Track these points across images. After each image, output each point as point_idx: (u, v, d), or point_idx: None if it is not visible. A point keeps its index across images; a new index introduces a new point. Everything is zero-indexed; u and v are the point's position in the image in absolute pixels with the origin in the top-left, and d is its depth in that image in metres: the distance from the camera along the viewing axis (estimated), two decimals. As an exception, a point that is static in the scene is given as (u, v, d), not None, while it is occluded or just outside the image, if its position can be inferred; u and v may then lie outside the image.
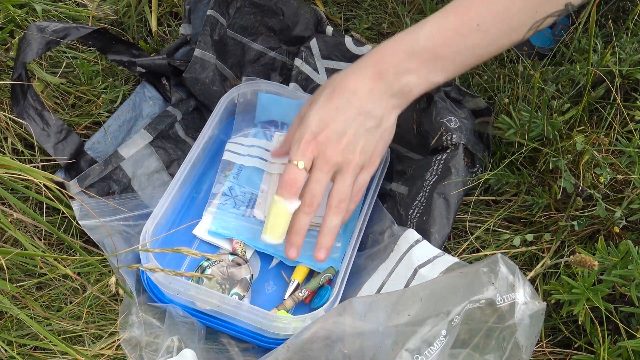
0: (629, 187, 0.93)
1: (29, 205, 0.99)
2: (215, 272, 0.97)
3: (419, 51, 0.87)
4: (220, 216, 1.02)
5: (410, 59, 0.87)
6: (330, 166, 0.89)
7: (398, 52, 0.88)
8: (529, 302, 0.76)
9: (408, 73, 0.88)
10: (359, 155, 0.90)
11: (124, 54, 1.08)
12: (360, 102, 0.88)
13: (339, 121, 0.88)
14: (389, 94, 0.89)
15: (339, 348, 0.75)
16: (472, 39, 0.87)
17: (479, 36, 0.87)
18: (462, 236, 1.02)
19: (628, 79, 1.04)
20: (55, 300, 0.93)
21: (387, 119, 0.90)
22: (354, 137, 0.89)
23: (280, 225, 0.90)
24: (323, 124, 0.88)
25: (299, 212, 0.90)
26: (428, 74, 0.88)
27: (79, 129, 1.09)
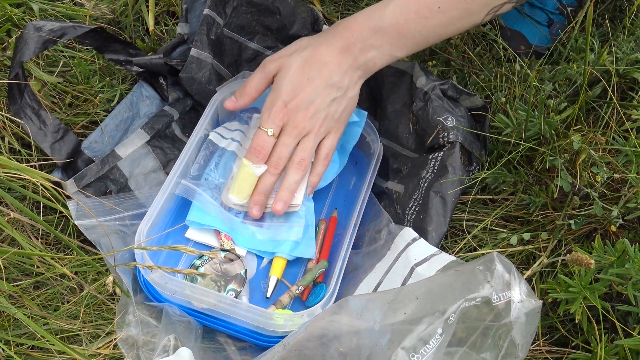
0: (626, 186, 0.93)
1: (26, 205, 0.98)
2: (209, 270, 0.97)
3: (384, 29, 0.95)
4: (199, 207, 1.02)
5: (376, 35, 0.95)
6: (298, 131, 0.97)
7: (364, 28, 0.96)
8: (524, 300, 0.76)
9: (373, 48, 0.96)
10: (324, 121, 0.97)
11: (121, 53, 1.08)
12: (329, 74, 0.96)
13: (309, 91, 0.96)
14: (354, 66, 0.97)
15: (335, 347, 0.75)
16: (433, 19, 0.94)
17: (439, 17, 0.94)
18: (459, 235, 1.02)
19: (625, 78, 1.04)
20: (52, 300, 0.93)
21: (352, 89, 0.98)
22: (322, 105, 0.96)
23: (246, 187, 0.98)
24: (294, 93, 0.96)
25: (265, 173, 0.98)
26: (391, 50, 0.96)
27: (76, 128, 1.09)
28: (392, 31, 0.95)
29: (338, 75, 0.97)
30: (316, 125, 0.97)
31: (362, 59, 0.97)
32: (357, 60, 0.97)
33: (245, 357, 0.91)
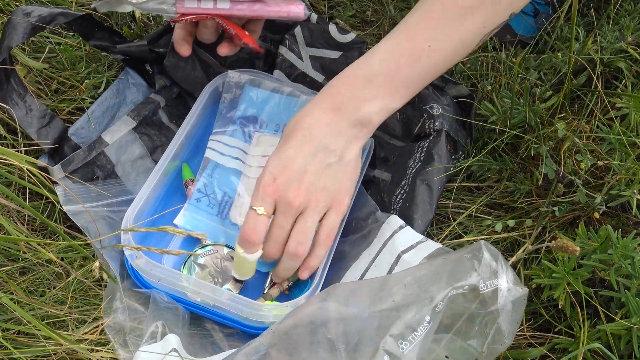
0: (609, 174, 0.94)
1: (12, 190, 0.98)
2: (209, 263, 0.97)
3: (375, 79, 0.86)
4: (192, 213, 1.02)
5: (366, 86, 0.86)
6: (294, 209, 0.86)
7: (353, 82, 0.86)
8: (511, 288, 0.77)
9: (366, 102, 0.86)
10: (322, 193, 0.87)
11: (107, 40, 1.08)
12: (318, 138, 0.85)
13: (298, 160, 0.85)
14: (348, 125, 0.86)
15: (322, 332, 0.75)
16: (427, 60, 0.86)
17: (433, 57, 0.86)
18: (444, 222, 1.02)
19: (609, 67, 1.05)
20: (38, 285, 0.93)
21: (349, 152, 0.87)
22: (315, 175, 0.86)
23: (247, 270, 0.91)
24: (282, 166, 0.85)
25: (264, 258, 0.89)
26: (386, 101, 0.86)
27: (62, 114, 1.08)
28: (383, 80, 0.86)
29: (329, 137, 0.86)
30: (312, 199, 0.86)
31: (356, 116, 0.86)
32: (350, 118, 0.86)
33: (233, 344, 0.91)
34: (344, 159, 0.87)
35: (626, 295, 0.81)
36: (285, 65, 1.11)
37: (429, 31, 0.86)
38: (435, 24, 0.86)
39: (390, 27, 1.23)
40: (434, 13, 0.86)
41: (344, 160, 0.87)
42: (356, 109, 0.86)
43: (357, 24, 1.25)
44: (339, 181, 0.88)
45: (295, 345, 0.75)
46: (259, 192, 0.86)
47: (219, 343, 0.92)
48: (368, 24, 1.25)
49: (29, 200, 0.99)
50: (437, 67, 0.88)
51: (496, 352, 0.77)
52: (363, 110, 0.86)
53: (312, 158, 0.85)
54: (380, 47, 0.87)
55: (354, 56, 1.12)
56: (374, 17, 1.25)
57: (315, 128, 0.86)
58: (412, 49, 0.86)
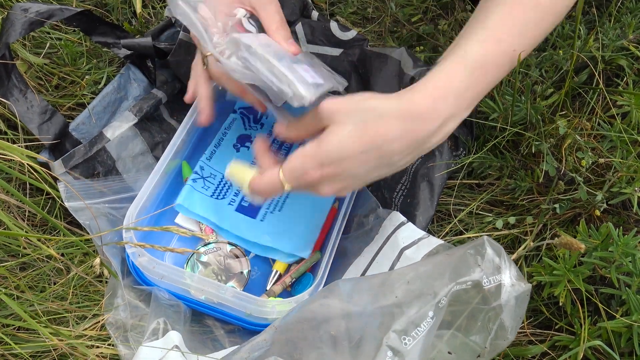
0: (610, 171, 0.94)
1: (12, 186, 0.98)
2: (212, 261, 0.97)
3: (465, 94, 0.77)
4: (189, 192, 1.02)
5: (456, 103, 0.77)
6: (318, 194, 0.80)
7: (447, 98, 0.76)
8: (515, 283, 0.77)
9: (451, 120, 0.77)
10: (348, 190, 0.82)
11: (108, 35, 1.08)
12: (390, 153, 0.76)
13: (356, 164, 0.77)
14: (423, 148, 0.79)
15: (325, 329, 0.75)
16: (507, 66, 0.80)
17: (513, 62, 0.80)
18: (445, 219, 1.02)
19: (610, 64, 1.05)
20: (38, 281, 0.93)
21: (403, 167, 0.81)
22: (361, 180, 0.80)
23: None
24: (338, 159, 0.76)
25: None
26: (464, 115, 0.79)
27: (62, 110, 1.08)
28: (472, 94, 0.78)
29: (399, 155, 0.77)
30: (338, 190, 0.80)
31: (436, 139, 0.78)
32: (426, 143, 0.78)
33: (234, 340, 0.91)
34: (394, 171, 0.81)
35: (627, 293, 0.81)
36: (286, 62, 1.11)
37: (513, 35, 0.79)
38: (518, 27, 0.80)
39: (391, 24, 1.23)
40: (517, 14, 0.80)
41: (393, 171, 0.81)
42: (440, 131, 0.78)
43: (358, 20, 1.25)
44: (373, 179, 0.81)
45: (298, 341, 0.75)
46: (299, 175, 0.78)
47: (220, 340, 0.92)
48: (369, 21, 1.25)
49: (30, 196, 0.98)
50: (509, 70, 0.82)
51: (499, 347, 0.77)
52: (444, 132, 0.78)
53: (372, 168, 0.78)
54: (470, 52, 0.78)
55: (355, 53, 1.12)
56: (375, 14, 1.25)
57: (395, 143, 0.76)
58: (501, 54, 0.79)
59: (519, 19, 0.79)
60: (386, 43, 1.21)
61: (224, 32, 0.85)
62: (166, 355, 0.81)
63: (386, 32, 1.22)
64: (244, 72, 0.82)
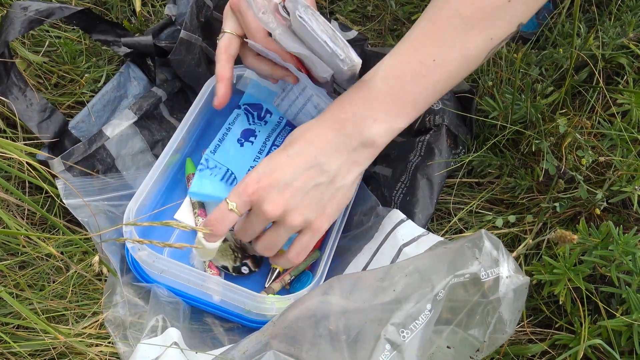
0: (610, 170, 0.94)
1: (12, 184, 0.98)
2: (229, 238, 0.97)
3: (379, 98, 0.81)
4: (198, 179, 1.02)
5: (370, 106, 0.81)
6: (266, 218, 0.82)
7: (357, 100, 0.81)
8: (512, 276, 0.77)
9: (369, 122, 0.81)
10: (300, 212, 0.82)
11: (108, 33, 1.08)
12: (314, 154, 0.81)
13: (287, 170, 0.81)
14: (349, 148, 0.81)
15: (324, 325, 0.75)
16: (431, 76, 0.81)
17: (438, 71, 0.81)
18: (445, 217, 1.02)
19: (610, 63, 1.05)
20: (38, 279, 0.93)
21: (343, 176, 0.83)
22: (299, 191, 0.81)
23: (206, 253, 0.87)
24: (270, 170, 0.81)
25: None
26: (390, 122, 0.81)
27: (62, 108, 1.08)
28: (388, 99, 0.81)
29: (325, 156, 0.81)
30: (288, 216, 0.82)
31: (358, 138, 0.81)
32: (352, 140, 0.81)
33: (233, 338, 0.91)
34: (335, 182, 0.83)
35: (627, 292, 0.81)
36: (287, 61, 1.11)
37: (433, 46, 0.81)
38: (438, 38, 0.81)
39: (391, 23, 1.23)
40: (437, 26, 0.81)
41: (335, 184, 0.83)
42: (360, 130, 0.81)
43: (358, 19, 1.25)
44: (323, 205, 0.83)
45: (297, 337, 0.75)
46: (239, 188, 0.82)
47: (219, 337, 0.92)
48: (369, 19, 1.25)
49: (29, 194, 0.98)
50: (444, 82, 0.83)
51: (498, 341, 0.77)
52: (365, 133, 0.81)
53: (302, 173, 0.81)
54: (385, 63, 0.82)
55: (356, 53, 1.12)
56: (375, 13, 1.25)
57: (315, 143, 0.81)
58: (416, 64, 0.81)
59: (439, 29, 0.81)
60: (386, 41, 1.21)
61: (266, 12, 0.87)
62: (165, 352, 0.81)
63: (386, 31, 1.22)
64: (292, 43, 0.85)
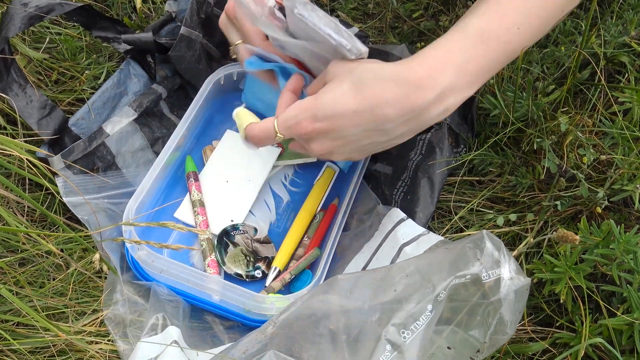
0: (612, 168, 0.94)
1: (11, 181, 0.98)
2: (241, 242, 0.97)
3: (467, 68, 0.76)
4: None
5: (457, 77, 0.75)
6: (310, 152, 0.81)
7: (447, 68, 0.75)
8: (514, 277, 0.77)
9: (451, 94, 0.76)
10: (345, 155, 0.81)
11: (109, 30, 1.07)
12: (384, 117, 0.75)
13: (349, 124, 0.76)
14: (420, 119, 0.77)
15: (324, 324, 0.75)
16: (513, 44, 0.78)
17: (518, 40, 0.78)
18: (446, 216, 1.02)
19: (612, 61, 1.04)
20: (38, 277, 0.93)
21: (400, 139, 0.79)
22: (354, 144, 0.79)
23: None
24: (331, 113, 0.76)
25: None
26: (466, 90, 0.77)
27: (62, 105, 1.08)
28: (474, 68, 0.76)
29: (394, 122, 0.76)
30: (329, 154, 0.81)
31: (436, 109, 0.76)
32: (428, 112, 0.76)
33: (233, 337, 0.91)
34: (390, 142, 0.80)
35: (628, 290, 0.81)
36: (288, 58, 1.11)
37: (518, 13, 0.78)
38: (523, 5, 0.78)
39: (392, 20, 1.23)
40: None
41: (390, 143, 0.80)
42: (438, 103, 0.76)
43: (359, 16, 1.25)
44: (367, 151, 0.82)
45: (297, 336, 0.75)
46: (292, 124, 0.78)
47: (220, 336, 0.91)
48: (370, 17, 1.25)
49: (29, 191, 0.98)
50: (517, 51, 0.80)
51: (498, 342, 0.77)
52: (446, 103, 0.76)
53: (365, 131, 0.77)
54: (472, 25, 0.77)
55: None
56: (376, 10, 1.25)
57: (389, 107, 0.75)
58: (504, 31, 0.77)
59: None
60: (387, 39, 1.21)
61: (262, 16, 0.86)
62: (165, 351, 0.81)
63: (387, 28, 1.22)
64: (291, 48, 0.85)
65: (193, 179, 1.02)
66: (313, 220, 1.02)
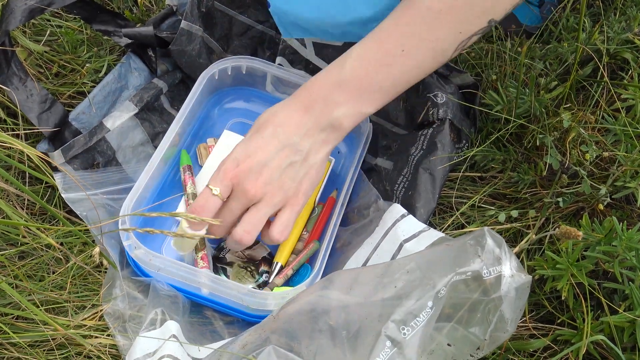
0: (614, 165, 0.93)
1: (11, 174, 0.97)
2: (233, 259, 0.97)
3: (345, 83, 0.86)
4: None
5: (337, 91, 0.86)
6: (247, 198, 0.86)
7: (325, 85, 0.87)
8: (515, 274, 0.76)
9: (336, 105, 0.86)
10: (278, 189, 0.86)
11: (109, 23, 1.07)
12: (287, 135, 0.86)
13: (263, 153, 0.85)
14: (318, 127, 0.87)
15: (324, 320, 0.75)
16: (397, 66, 0.86)
17: (404, 62, 0.86)
18: (447, 212, 1.02)
19: (615, 58, 1.04)
20: (37, 270, 0.92)
21: (314, 154, 0.88)
22: (276, 170, 0.86)
23: (185, 244, 0.92)
24: (246, 154, 0.86)
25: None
26: (357, 106, 0.87)
27: (62, 98, 1.07)
28: (354, 85, 0.86)
29: (297, 136, 0.86)
30: (268, 193, 0.86)
31: (326, 119, 0.86)
32: (320, 121, 0.86)
33: (233, 332, 0.91)
34: (308, 160, 0.88)
35: (630, 288, 0.81)
36: (289, 52, 1.10)
37: (401, 37, 0.85)
38: (407, 29, 0.85)
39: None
40: (406, 18, 0.86)
41: (308, 162, 0.88)
42: (327, 112, 0.86)
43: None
44: (299, 181, 0.88)
45: (296, 331, 0.75)
46: (219, 174, 0.86)
47: (219, 331, 0.91)
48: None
49: (29, 185, 0.98)
50: (410, 73, 0.88)
51: (499, 340, 0.77)
52: (333, 114, 0.86)
53: (277, 154, 0.86)
54: (353, 51, 0.88)
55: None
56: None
57: (286, 125, 0.86)
58: (384, 54, 0.86)
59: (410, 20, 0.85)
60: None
61: None
62: (164, 345, 0.81)
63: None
64: None
65: (189, 172, 1.02)
66: (312, 213, 1.01)
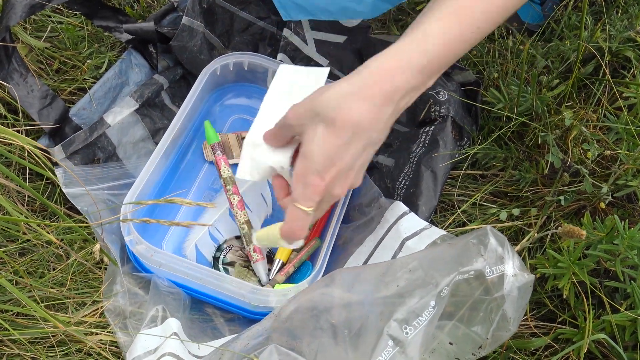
0: (616, 163, 0.93)
1: (12, 170, 0.97)
2: (234, 258, 0.96)
3: (428, 66, 0.80)
4: None
5: (420, 75, 0.80)
6: (335, 199, 0.83)
7: (406, 71, 0.79)
8: (517, 274, 0.76)
9: (415, 90, 0.81)
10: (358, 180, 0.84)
11: (110, 19, 1.07)
12: (368, 133, 0.79)
13: (347, 158, 0.79)
14: (394, 114, 0.81)
15: (325, 318, 0.74)
16: (472, 41, 0.83)
17: (476, 38, 0.83)
18: (448, 210, 1.02)
19: (617, 56, 1.04)
20: (38, 266, 0.92)
21: (384, 138, 0.83)
22: (361, 168, 0.82)
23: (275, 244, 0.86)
24: (330, 162, 0.79)
25: None
26: (428, 83, 0.82)
27: (63, 94, 1.07)
28: (435, 66, 0.81)
29: (376, 131, 0.80)
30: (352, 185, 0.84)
31: (403, 104, 0.81)
32: (398, 108, 0.80)
33: (233, 329, 0.91)
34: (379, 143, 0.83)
35: (631, 286, 0.81)
36: (290, 49, 1.10)
37: (478, 14, 0.81)
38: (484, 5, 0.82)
39: (396, 13, 1.22)
40: None
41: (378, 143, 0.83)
42: (406, 99, 0.81)
43: (363, 8, 1.24)
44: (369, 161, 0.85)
45: (298, 330, 0.74)
46: (309, 192, 0.80)
47: (220, 328, 0.91)
48: (373, 9, 1.24)
49: (29, 181, 0.98)
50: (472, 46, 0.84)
51: (501, 339, 0.77)
52: (410, 98, 0.81)
53: (360, 154, 0.81)
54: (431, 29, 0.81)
55: (359, 40, 1.11)
56: (380, 2, 1.24)
57: (365, 123, 0.79)
58: (463, 32, 0.81)
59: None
60: (390, 32, 1.20)
61: None
62: (164, 343, 0.80)
63: (390, 21, 1.21)
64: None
65: (219, 152, 1.00)
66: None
